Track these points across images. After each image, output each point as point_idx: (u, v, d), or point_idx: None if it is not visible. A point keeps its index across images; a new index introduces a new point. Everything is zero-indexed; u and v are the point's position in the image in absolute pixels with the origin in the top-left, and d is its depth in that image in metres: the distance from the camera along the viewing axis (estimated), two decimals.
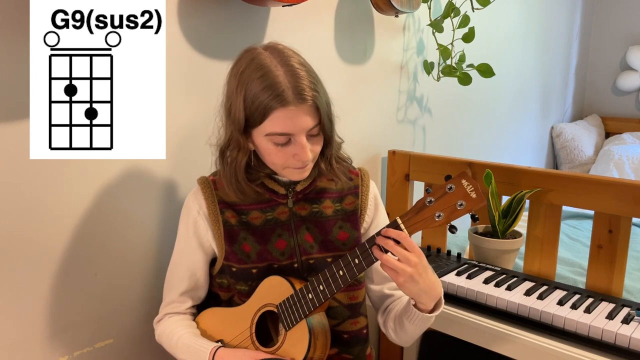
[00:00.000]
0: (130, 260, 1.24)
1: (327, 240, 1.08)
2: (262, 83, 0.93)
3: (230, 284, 1.10)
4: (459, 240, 1.82)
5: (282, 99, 0.92)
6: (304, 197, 1.08)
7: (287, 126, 0.94)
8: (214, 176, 1.10)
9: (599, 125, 3.25)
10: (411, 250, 0.92)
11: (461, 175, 0.89)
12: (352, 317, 1.11)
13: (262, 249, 1.06)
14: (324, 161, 1.05)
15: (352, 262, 0.95)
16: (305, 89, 0.93)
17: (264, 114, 0.93)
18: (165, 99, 1.23)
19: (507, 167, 1.50)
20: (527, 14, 2.63)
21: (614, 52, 3.23)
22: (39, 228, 1.08)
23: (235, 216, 1.07)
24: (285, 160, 0.98)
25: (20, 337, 1.08)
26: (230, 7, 1.32)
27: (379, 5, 1.61)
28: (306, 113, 0.94)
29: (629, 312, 1.19)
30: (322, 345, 1.03)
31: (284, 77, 0.93)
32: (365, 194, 1.12)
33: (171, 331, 1.09)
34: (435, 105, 2.10)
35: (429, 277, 0.95)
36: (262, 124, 0.95)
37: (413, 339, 1.10)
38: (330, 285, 0.97)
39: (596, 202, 1.32)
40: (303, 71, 0.95)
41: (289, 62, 0.95)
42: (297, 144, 0.96)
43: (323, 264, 1.04)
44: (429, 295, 0.97)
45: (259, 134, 0.97)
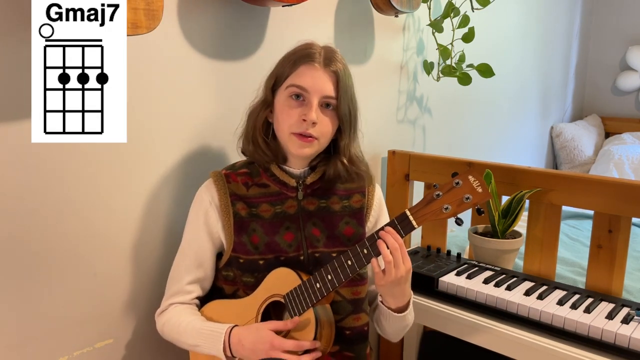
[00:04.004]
0: (130, 260, 1.24)
1: (333, 235, 1.11)
2: (300, 48, 1.08)
3: (236, 277, 1.11)
4: (459, 240, 1.82)
5: (311, 58, 1.05)
6: (312, 192, 1.12)
7: (307, 81, 1.04)
8: (227, 170, 1.14)
9: (598, 125, 3.25)
10: (405, 261, 0.99)
11: (468, 172, 0.97)
12: (354, 312, 1.13)
13: (270, 241, 1.09)
14: (342, 155, 1.10)
15: (361, 252, 1.00)
16: (335, 61, 1.07)
17: (293, 67, 1.06)
18: (165, 99, 1.24)
19: (507, 167, 1.50)
20: (527, 14, 2.63)
21: (614, 52, 3.23)
22: (39, 228, 1.08)
23: (245, 208, 1.10)
24: (294, 121, 1.04)
25: (20, 337, 1.08)
26: (230, 7, 1.32)
27: (379, 5, 1.61)
28: (328, 79, 1.05)
29: (629, 312, 1.19)
30: (327, 336, 1.05)
31: (321, 49, 1.08)
32: (371, 194, 1.17)
33: (178, 319, 1.10)
34: (435, 105, 2.10)
35: (406, 288, 1.06)
36: (288, 77, 1.06)
37: (398, 335, 1.18)
38: (339, 275, 1.00)
39: (596, 202, 1.32)
40: (339, 57, 1.09)
41: (330, 48, 1.10)
42: (308, 104, 1.04)
43: (328, 258, 1.07)
44: (396, 301, 1.08)
45: (282, 89, 1.07)
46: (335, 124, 1.08)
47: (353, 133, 1.11)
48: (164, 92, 1.23)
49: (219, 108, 1.34)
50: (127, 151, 1.19)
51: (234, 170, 1.14)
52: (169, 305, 1.14)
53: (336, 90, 1.05)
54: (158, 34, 1.13)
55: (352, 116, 1.09)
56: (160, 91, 1.22)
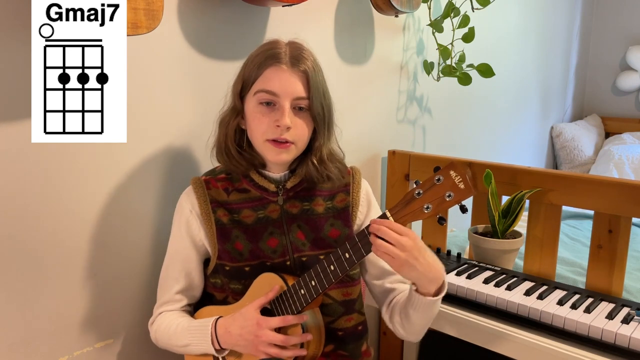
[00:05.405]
0: (130, 260, 1.24)
1: (318, 237, 1.08)
2: (264, 49, 1.03)
3: (224, 284, 1.10)
4: (459, 240, 1.82)
5: (277, 59, 0.99)
6: (294, 195, 1.09)
7: (275, 85, 0.99)
8: (206, 176, 1.12)
9: (598, 125, 3.25)
10: (403, 233, 0.91)
11: (449, 166, 0.89)
12: (346, 313, 1.11)
13: (254, 247, 1.06)
14: (313, 156, 1.05)
15: (343, 256, 0.96)
16: (302, 59, 1.00)
17: (258, 71, 1.00)
18: (165, 99, 1.24)
19: (507, 167, 1.50)
20: (526, 14, 2.63)
21: (614, 52, 3.23)
22: (39, 228, 1.08)
23: (227, 215, 1.07)
24: (267, 128, 1.00)
25: (20, 337, 1.08)
26: (230, 7, 1.32)
27: (379, 5, 1.61)
28: (297, 79, 0.99)
29: (629, 312, 1.19)
30: (316, 341, 1.03)
31: (286, 48, 1.02)
32: (356, 191, 1.12)
33: (168, 323, 1.09)
34: (435, 105, 2.10)
35: (426, 259, 0.94)
36: (255, 82, 1.01)
37: (421, 331, 1.08)
38: (322, 281, 0.97)
39: (596, 202, 1.32)
40: (307, 52, 1.03)
41: (296, 44, 1.04)
42: (280, 109, 0.99)
43: (315, 262, 1.04)
44: (428, 278, 0.96)
45: (250, 95, 1.02)
46: (310, 124, 1.03)
47: (328, 131, 1.06)
48: (164, 92, 1.23)
49: (217, 108, 1.34)
50: (127, 151, 1.19)
51: (214, 176, 1.11)
52: (158, 314, 1.13)
53: (307, 90, 1.00)
54: (158, 34, 1.13)
55: (327, 113, 1.04)
56: (159, 91, 1.22)
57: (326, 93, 1.04)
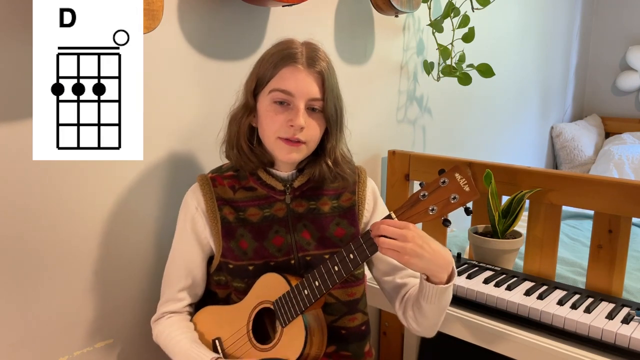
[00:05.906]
0: (130, 260, 1.24)
1: (324, 237, 1.08)
2: (280, 48, 1.02)
3: (227, 282, 1.10)
4: (459, 240, 1.82)
5: (293, 59, 1.00)
6: (301, 194, 1.09)
7: (291, 85, 0.99)
8: (213, 173, 1.12)
9: (598, 125, 3.25)
10: (403, 227, 0.91)
11: (454, 169, 0.90)
12: (349, 313, 1.11)
13: (259, 246, 1.06)
14: (328, 157, 1.06)
15: (347, 257, 0.96)
16: (318, 60, 1.01)
17: (274, 70, 1.00)
18: (166, 99, 1.24)
19: (507, 167, 1.50)
20: (526, 14, 2.63)
21: (614, 52, 3.23)
22: (39, 228, 1.08)
23: (232, 213, 1.07)
24: (280, 127, 1.00)
25: (20, 337, 1.08)
26: (230, 7, 1.32)
27: (379, 5, 1.61)
28: (313, 80, 1.00)
29: (629, 312, 1.19)
30: (319, 342, 1.03)
31: (302, 48, 1.02)
32: (362, 190, 1.13)
33: (169, 334, 1.09)
34: (435, 105, 2.10)
35: (431, 247, 0.94)
36: (270, 81, 1.01)
37: (434, 325, 1.07)
38: (326, 281, 0.97)
39: (596, 202, 1.32)
40: (322, 54, 1.04)
41: (312, 45, 1.04)
42: (294, 109, 0.99)
43: (320, 261, 1.04)
44: (438, 264, 0.96)
45: (264, 94, 1.02)
46: (322, 125, 1.04)
47: (339, 132, 1.07)
48: (164, 92, 1.23)
49: (218, 108, 1.34)
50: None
51: (221, 173, 1.11)
52: (162, 314, 1.13)
53: (322, 91, 1.01)
54: (158, 34, 1.13)
55: (339, 114, 1.05)
56: (159, 91, 1.22)
57: (339, 95, 1.05)
